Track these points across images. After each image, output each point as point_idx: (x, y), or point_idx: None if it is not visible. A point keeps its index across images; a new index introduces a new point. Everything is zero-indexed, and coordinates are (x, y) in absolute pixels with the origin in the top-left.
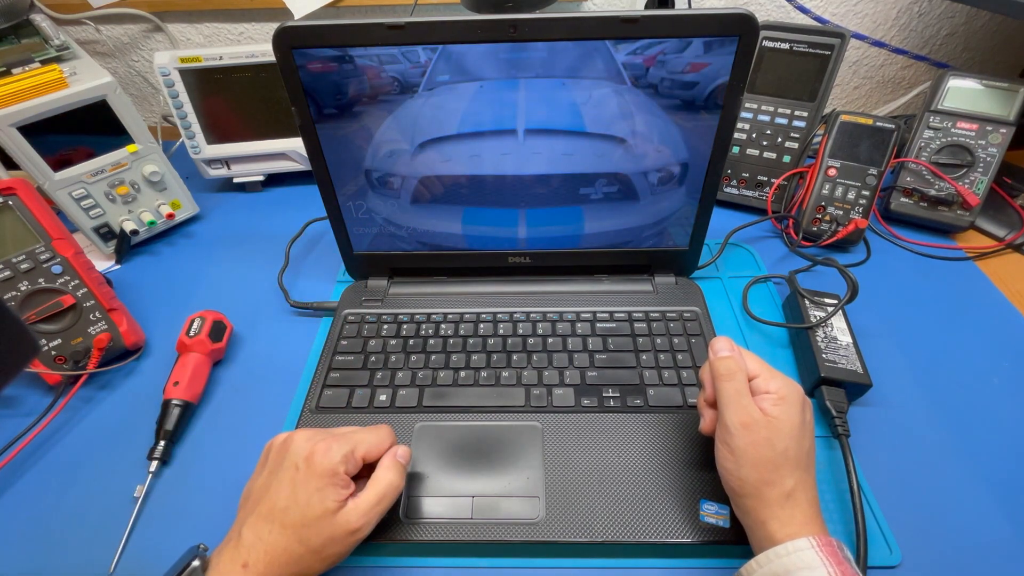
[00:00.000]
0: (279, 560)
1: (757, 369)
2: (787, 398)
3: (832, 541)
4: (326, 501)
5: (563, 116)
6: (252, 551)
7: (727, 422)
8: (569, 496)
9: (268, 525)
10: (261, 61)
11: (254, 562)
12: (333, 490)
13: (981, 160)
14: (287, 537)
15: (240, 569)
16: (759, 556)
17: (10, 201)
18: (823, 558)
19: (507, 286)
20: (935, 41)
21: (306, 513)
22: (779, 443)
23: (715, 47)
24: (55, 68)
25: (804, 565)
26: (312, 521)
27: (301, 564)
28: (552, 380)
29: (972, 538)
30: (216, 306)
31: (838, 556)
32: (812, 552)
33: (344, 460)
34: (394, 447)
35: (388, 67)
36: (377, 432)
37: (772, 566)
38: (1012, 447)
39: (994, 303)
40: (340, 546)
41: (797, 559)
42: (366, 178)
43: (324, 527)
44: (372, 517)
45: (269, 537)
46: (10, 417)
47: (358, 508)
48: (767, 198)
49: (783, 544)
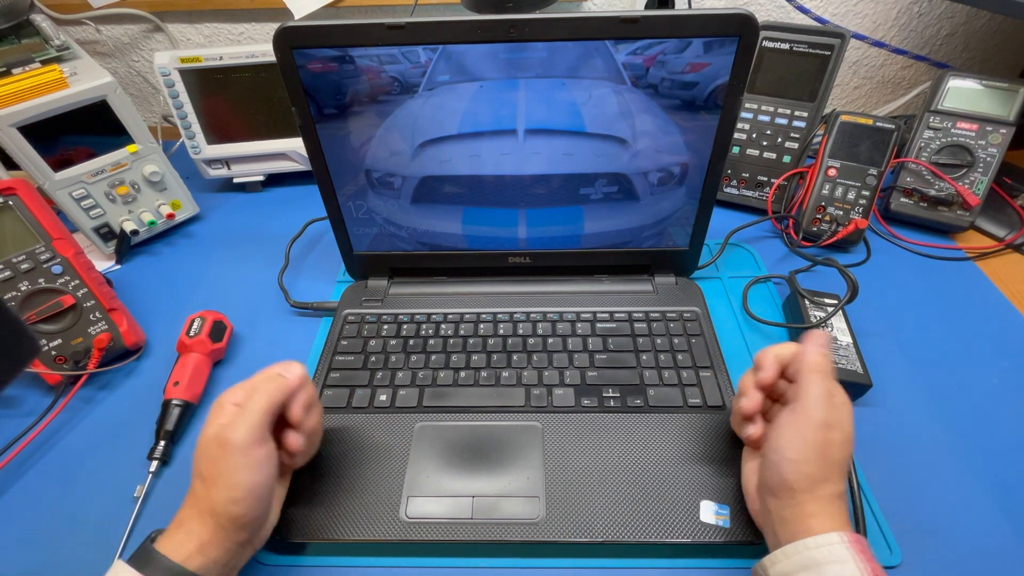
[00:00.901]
0: (187, 502)
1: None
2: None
3: (861, 539)
4: (207, 428)
5: (563, 116)
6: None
7: (811, 416)
8: (569, 496)
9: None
10: (261, 61)
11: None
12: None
13: (981, 160)
14: (193, 478)
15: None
16: (786, 547)
17: (10, 201)
18: (853, 553)
19: (507, 286)
20: (935, 41)
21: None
22: (845, 450)
23: (715, 47)
24: (55, 68)
25: (834, 559)
26: (199, 450)
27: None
28: (552, 380)
29: (972, 538)
30: (216, 306)
31: (868, 553)
32: (843, 547)
33: (231, 393)
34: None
35: (388, 67)
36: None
37: (800, 557)
38: (1012, 447)
39: (994, 303)
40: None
41: (828, 552)
42: (366, 178)
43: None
44: (239, 424)
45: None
46: (10, 417)
47: (229, 422)
48: (767, 198)
49: (813, 537)
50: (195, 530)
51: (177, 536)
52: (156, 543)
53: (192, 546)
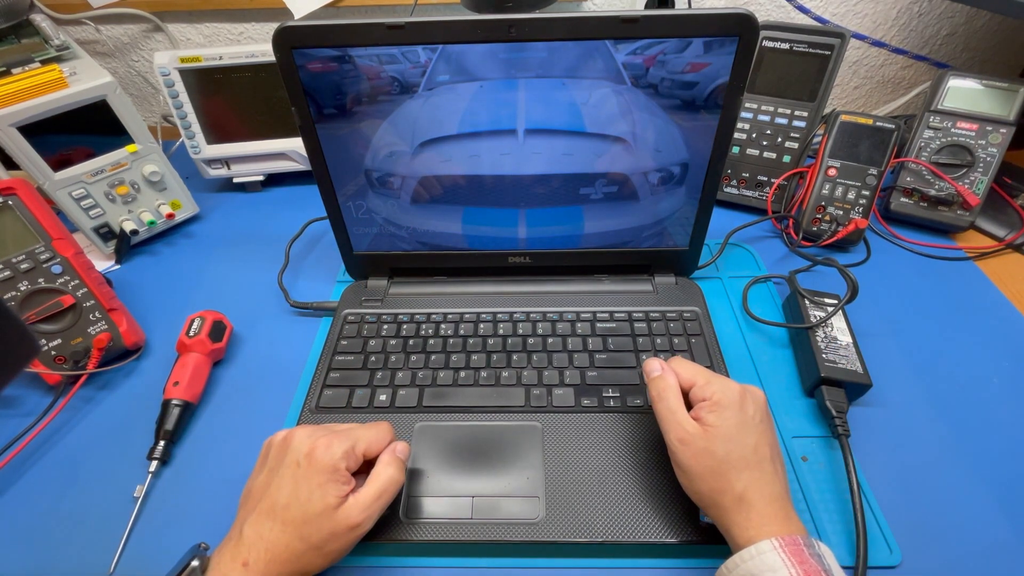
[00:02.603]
0: (280, 557)
1: (693, 377)
2: (721, 402)
3: (797, 539)
4: (327, 497)
5: (563, 116)
6: (253, 549)
7: (668, 441)
8: (569, 496)
9: (269, 522)
10: (261, 61)
11: (255, 560)
12: (334, 486)
13: (981, 160)
14: (288, 534)
15: (240, 567)
16: (727, 561)
17: (10, 201)
18: (785, 558)
19: (507, 286)
20: (935, 41)
21: (307, 509)
22: (719, 449)
23: (715, 47)
24: (55, 68)
25: (767, 567)
26: (313, 517)
27: (302, 561)
28: (552, 380)
29: (972, 538)
30: (216, 306)
31: (802, 555)
32: (775, 554)
33: (345, 456)
34: (394, 443)
35: (388, 67)
36: (377, 428)
37: (739, 571)
38: (1012, 447)
39: (994, 303)
40: (341, 542)
41: (760, 562)
42: (366, 178)
43: (325, 523)
44: (373, 512)
45: (270, 535)
46: (10, 417)
47: (359, 503)
48: (767, 198)
49: (747, 548)
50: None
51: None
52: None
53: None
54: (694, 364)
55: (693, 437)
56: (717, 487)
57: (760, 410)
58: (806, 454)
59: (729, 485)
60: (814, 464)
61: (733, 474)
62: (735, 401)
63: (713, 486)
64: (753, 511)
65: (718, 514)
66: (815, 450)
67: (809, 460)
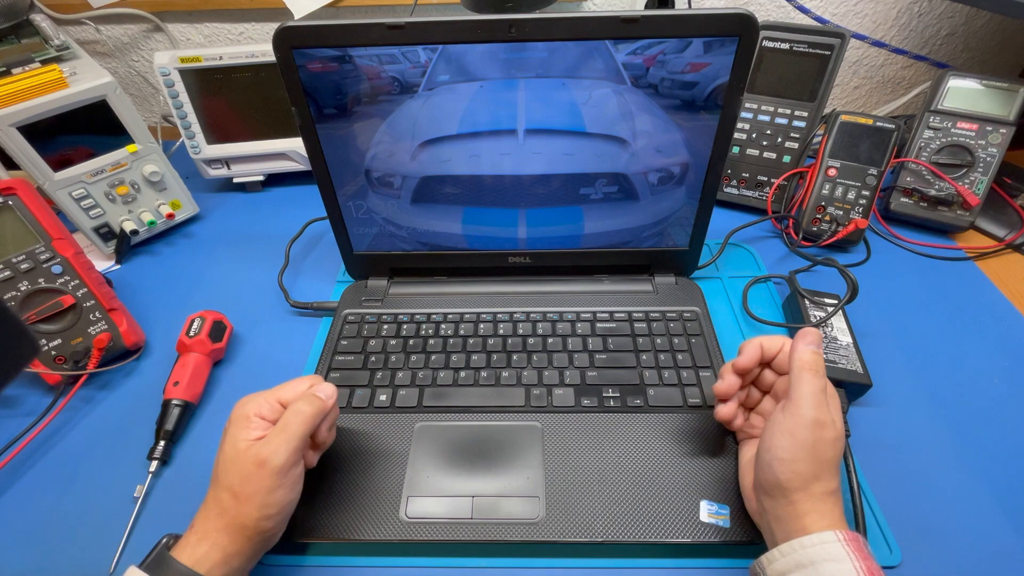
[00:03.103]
0: (212, 513)
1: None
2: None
3: (858, 536)
4: (236, 442)
5: (563, 116)
6: (198, 515)
7: (803, 415)
8: (569, 496)
9: (211, 487)
10: (261, 61)
11: (197, 522)
12: (243, 431)
13: (981, 160)
14: (214, 488)
15: (190, 534)
16: (782, 545)
17: (10, 201)
18: (849, 551)
19: (507, 286)
20: (935, 41)
21: (221, 460)
22: (837, 447)
23: (715, 47)
24: (55, 68)
25: (830, 557)
26: (227, 464)
27: (230, 511)
28: (552, 380)
29: (972, 538)
30: (216, 306)
31: (863, 551)
32: (838, 545)
33: (256, 405)
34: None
35: (388, 67)
36: (299, 379)
37: (796, 555)
38: (1012, 447)
39: (994, 303)
40: (255, 481)
41: (823, 551)
42: (366, 178)
43: (235, 466)
44: (277, 445)
45: (207, 497)
46: (10, 417)
47: (265, 440)
48: (767, 198)
49: (808, 535)
50: (221, 542)
51: (201, 547)
52: (174, 551)
53: (217, 557)
54: None
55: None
56: (818, 475)
57: None
58: None
59: (830, 478)
60: None
61: (834, 471)
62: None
63: (816, 473)
64: (836, 508)
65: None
66: None
67: None
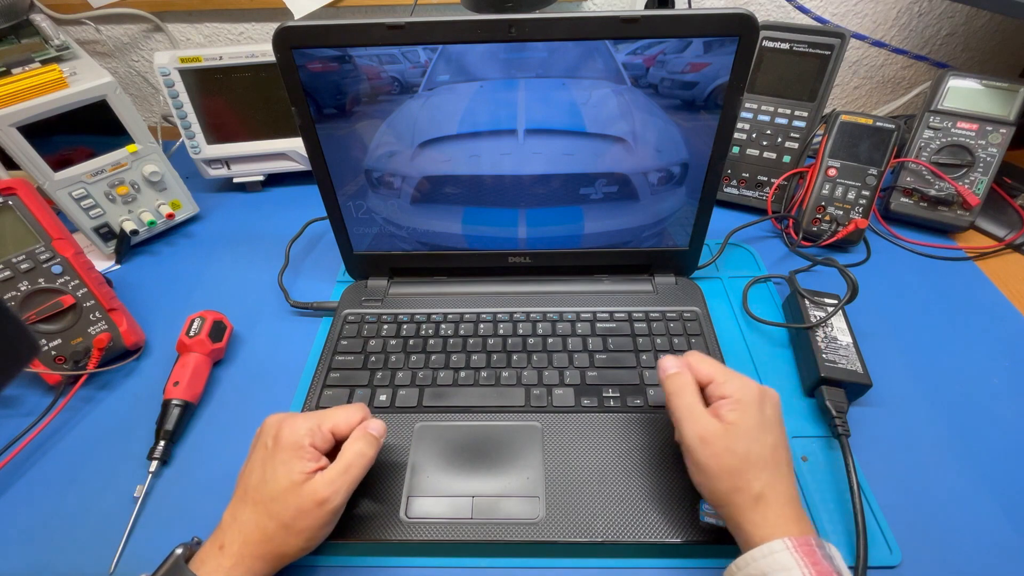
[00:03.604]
0: (252, 538)
1: (711, 374)
2: (742, 400)
3: (809, 540)
4: (292, 473)
5: (563, 116)
6: (228, 532)
7: (686, 438)
8: (569, 496)
9: (242, 505)
10: (261, 61)
11: (229, 542)
12: (299, 462)
13: (981, 160)
14: (259, 514)
15: (217, 551)
16: (738, 559)
17: (10, 201)
18: (798, 558)
19: (507, 286)
20: (935, 41)
21: (273, 488)
22: (739, 448)
23: (715, 47)
24: (55, 68)
25: (780, 567)
26: (280, 494)
27: (275, 540)
28: (552, 380)
29: (972, 538)
30: (216, 306)
31: (815, 555)
32: (787, 553)
33: (309, 433)
34: (366, 420)
35: (388, 67)
36: (347, 407)
37: (749, 569)
38: (1012, 447)
39: (994, 303)
40: (311, 518)
41: (773, 561)
42: (366, 178)
43: (291, 499)
44: (340, 487)
45: (243, 516)
46: (10, 417)
47: (324, 478)
48: (767, 198)
49: (759, 547)
50: (255, 568)
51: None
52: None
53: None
54: (711, 360)
55: (714, 435)
56: (735, 486)
57: (777, 411)
58: (806, 454)
59: (747, 484)
60: (814, 464)
61: (752, 473)
62: (755, 399)
63: (732, 485)
64: (770, 511)
65: (732, 512)
66: (815, 450)
67: (809, 460)
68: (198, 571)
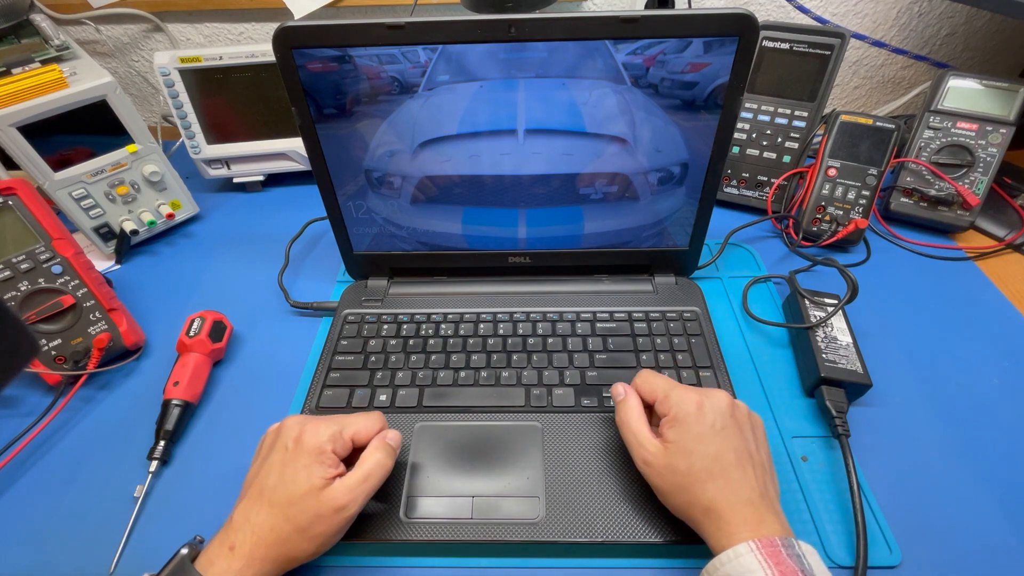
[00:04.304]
0: (266, 540)
1: (652, 391)
2: (678, 416)
3: (774, 540)
4: (312, 478)
5: (563, 116)
6: (240, 532)
7: (636, 463)
8: (569, 496)
9: (257, 506)
10: (261, 61)
11: (241, 543)
12: (320, 468)
13: (981, 160)
14: (274, 516)
15: (227, 551)
16: (707, 565)
17: (10, 201)
18: (762, 560)
19: (507, 286)
20: (935, 41)
21: (292, 491)
22: (680, 464)
23: (715, 47)
24: (55, 68)
25: (745, 570)
26: (298, 498)
27: (289, 544)
28: (552, 380)
29: (972, 538)
30: (216, 306)
31: (779, 555)
32: (751, 556)
33: (331, 439)
34: (385, 431)
35: (388, 67)
36: (367, 416)
37: (718, 575)
38: (1012, 447)
39: (994, 303)
40: (326, 524)
41: (738, 565)
42: (366, 178)
43: (310, 504)
44: (358, 495)
45: (257, 518)
46: (10, 417)
47: (344, 485)
48: (767, 198)
49: (724, 552)
50: (264, 570)
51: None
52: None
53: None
54: (655, 376)
55: (655, 456)
56: (685, 501)
57: (721, 416)
58: (806, 454)
59: (695, 498)
60: (814, 464)
61: (698, 487)
62: (691, 413)
63: (682, 500)
64: (722, 520)
65: (694, 526)
66: (815, 450)
67: (809, 460)
68: (207, 572)
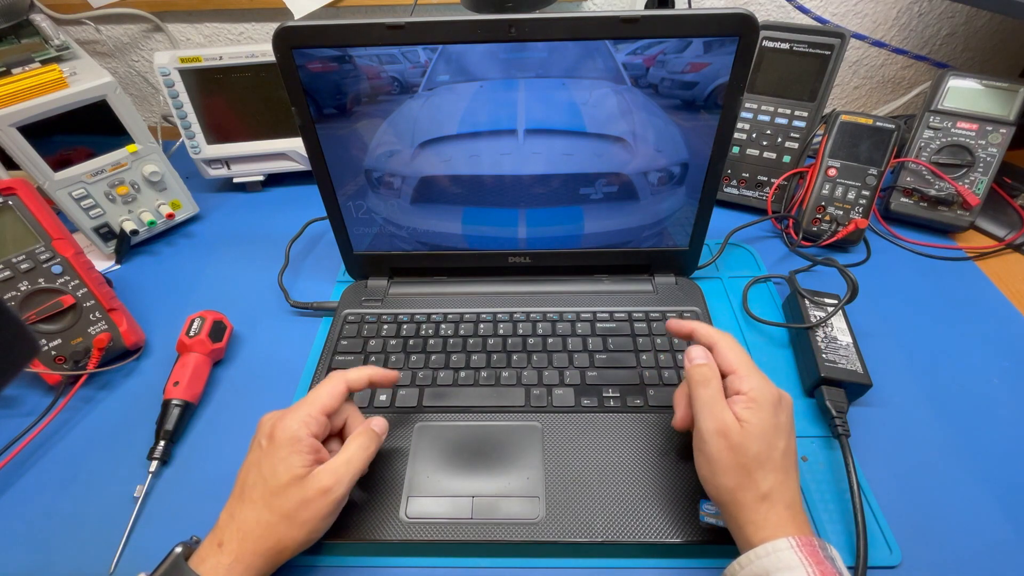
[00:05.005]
0: (252, 533)
1: (734, 365)
2: (758, 400)
3: (813, 541)
4: (293, 468)
5: (563, 116)
6: (226, 529)
7: (701, 429)
8: (569, 496)
9: (239, 504)
10: (261, 61)
11: (228, 539)
12: (298, 456)
13: (981, 160)
14: (257, 509)
15: (216, 548)
16: (740, 557)
17: (10, 201)
18: (802, 558)
19: (507, 286)
20: (935, 41)
21: (273, 483)
22: (752, 447)
23: (715, 47)
24: (55, 68)
25: (784, 565)
26: (280, 489)
27: (277, 533)
28: (552, 380)
29: (972, 538)
30: (216, 306)
31: (818, 555)
32: (791, 552)
33: (303, 424)
34: (370, 419)
35: (388, 67)
36: (328, 381)
37: (752, 567)
38: (1012, 447)
39: (994, 303)
40: (314, 508)
41: (776, 559)
42: (366, 178)
43: (294, 492)
44: (342, 476)
45: (241, 514)
46: (10, 417)
47: (328, 468)
48: (767, 198)
49: (763, 545)
50: (256, 565)
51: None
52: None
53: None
54: (739, 350)
55: (730, 431)
56: (742, 483)
57: (789, 415)
58: (806, 454)
59: (755, 483)
60: (814, 464)
61: (761, 473)
62: (772, 402)
63: (739, 482)
64: (773, 512)
65: (735, 511)
66: (815, 450)
67: (809, 460)
68: (198, 569)
